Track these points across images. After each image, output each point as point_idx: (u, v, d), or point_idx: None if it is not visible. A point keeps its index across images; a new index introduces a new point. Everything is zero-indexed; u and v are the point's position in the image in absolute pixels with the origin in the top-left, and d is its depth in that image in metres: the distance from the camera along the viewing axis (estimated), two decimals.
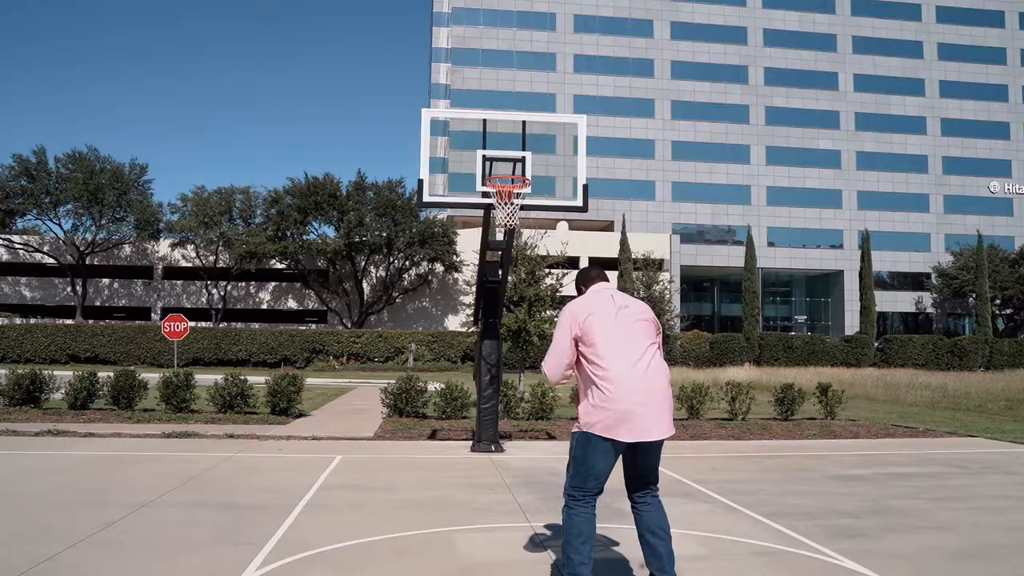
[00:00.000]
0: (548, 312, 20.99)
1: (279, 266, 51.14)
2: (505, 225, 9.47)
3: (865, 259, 51.22)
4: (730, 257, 62.15)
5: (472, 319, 18.63)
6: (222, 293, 51.58)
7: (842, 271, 64.80)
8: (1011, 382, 28.13)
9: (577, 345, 4.25)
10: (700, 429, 13.05)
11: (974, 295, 55.11)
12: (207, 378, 16.45)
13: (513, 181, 9.59)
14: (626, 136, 64.03)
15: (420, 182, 10.04)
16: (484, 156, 9.87)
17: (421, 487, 7.74)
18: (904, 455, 10.60)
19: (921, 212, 67.56)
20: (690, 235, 63.54)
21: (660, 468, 4.33)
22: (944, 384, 26.04)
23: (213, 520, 6.14)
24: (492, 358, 10.65)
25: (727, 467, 9.41)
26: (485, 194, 9.76)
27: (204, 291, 51.98)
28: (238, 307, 52.84)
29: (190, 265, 51.52)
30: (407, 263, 50.80)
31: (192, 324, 33.08)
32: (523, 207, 9.62)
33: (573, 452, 4.25)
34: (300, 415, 14.42)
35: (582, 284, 4.67)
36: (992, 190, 68.64)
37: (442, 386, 14.83)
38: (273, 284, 53.47)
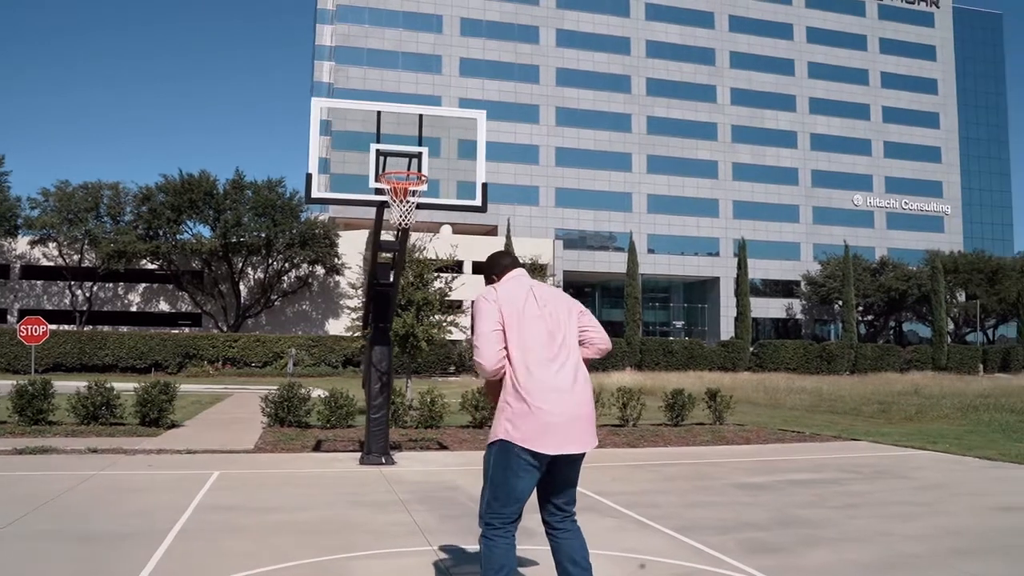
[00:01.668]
0: (436, 316, 20.47)
1: (150, 266, 48.48)
2: (401, 224, 8.94)
3: (741, 267, 52.86)
4: (611, 263, 63.05)
5: (361, 323, 17.91)
6: (87, 294, 48.56)
7: (718, 278, 66.80)
8: (878, 385, 29.57)
9: None
10: None
11: (840, 302, 57.87)
12: (69, 385, 15.25)
13: (409, 178, 9.07)
14: (511, 141, 64.02)
15: (308, 176, 9.41)
16: (378, 151, 9.27)
17: (309, 506, 7.14)
18: (799, 460, 10.64)
19: (792, 222, 70.51)
20: (573, 241, 64.16)
21: None
22: (819, 388, 27.00)
23: (70, 554, 5.37)
24: (383, 365, 10.11)
25: (627, 477, 9.17)
26: (379, 191, 9.18)
27: (67, 292, 48.80)
28: (105, 309, 49.85)
29: (52, 264, 48.20)
30: (287, 265, 49.14)
31: (53, 327, 30.95)
32: (420, 206, 9.10)
33: (491, 473, 3.78)
34: (173, 425, 13.41)
35: (494, 272, 4.03)
36: (856, 203, 72.35)
37: (326, 393, 14.13)
38: (144, 285, 50.69)
